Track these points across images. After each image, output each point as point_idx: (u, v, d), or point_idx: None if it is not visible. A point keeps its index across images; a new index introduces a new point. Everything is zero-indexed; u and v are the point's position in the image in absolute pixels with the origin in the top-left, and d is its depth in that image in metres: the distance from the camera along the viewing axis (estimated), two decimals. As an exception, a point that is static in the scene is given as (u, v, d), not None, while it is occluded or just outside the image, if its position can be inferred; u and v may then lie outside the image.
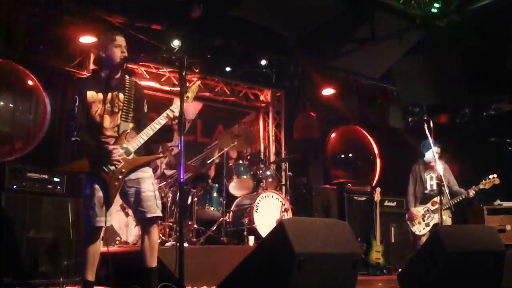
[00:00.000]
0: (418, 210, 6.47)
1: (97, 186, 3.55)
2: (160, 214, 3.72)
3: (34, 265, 5.03)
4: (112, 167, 3.52)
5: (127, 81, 3.76)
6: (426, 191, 6.50)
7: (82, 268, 3.62)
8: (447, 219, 6.17)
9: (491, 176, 6.19)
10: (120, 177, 3.55)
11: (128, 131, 3.64)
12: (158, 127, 3.64)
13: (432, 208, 6.35)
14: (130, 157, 3.58)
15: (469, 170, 7.89)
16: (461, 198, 6.26)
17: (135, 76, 6.80)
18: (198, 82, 4.06)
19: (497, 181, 6.19)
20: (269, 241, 3.21)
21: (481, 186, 6.19)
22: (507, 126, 8.48)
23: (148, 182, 3.67)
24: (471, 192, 6.20)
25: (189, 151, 7.74)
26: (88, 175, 3.61)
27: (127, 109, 3.67)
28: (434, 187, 6.31)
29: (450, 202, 6.03)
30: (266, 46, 8.08)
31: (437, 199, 5.94)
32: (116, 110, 3.64)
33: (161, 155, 6.21)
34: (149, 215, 3.61)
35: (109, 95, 3.64)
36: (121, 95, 3.67)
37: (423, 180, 6.53)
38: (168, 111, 3.65)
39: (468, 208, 7.97)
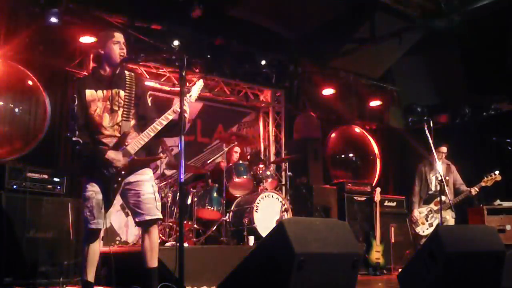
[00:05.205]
0: (421, 211, 6.47)
1: (96, 189, 3.54)
2: (160, 216, 3.70)
3: (34, 265, 5.02)
4: (112, 170, 3.52)
5: (127, 76, 3.72)
6: (431, 192, 6.49)
7: (82, 268, 3.62)
8: (450, 219, 6.17)
9: (492, 173, 6.19)
10: (119, 179, 3.55)
11: (129, 131, 3.62)
12: (159, 128, 3.62)
13: (435, 208, 6.35)
14: (129, 159, 3.57)
15: (469, 170, 7.87)
16: (463, 197, 6.27)
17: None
18: (201, 81, 4.00)
19: (498, 178, 6.17)
20: (269, 241, 3.21)
21: (483, 184, 6.19)
22: (507, 126, 8.47)
23: (147, 185, 3.65)
24: (473, 191, 6.21)
25: (189, 151, 7.74)
26: (87, 177, 3.61)
27: (128, 107, 3.64)
28: (439, 188, 6.30)
29: (451, 201, 6.03)
30: (266, 46, 8.07)
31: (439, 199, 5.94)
32: (116, 108, 3.61)
33: (160, 156, 6.20)
34: (148, 218, 3.60)
35: (109, 92, 3.62)
36: (121, 92, 3.65)
37: (428, 181, 6.52)
38: (170, 112, 3.62)
39: (468, 208, 7.97)
